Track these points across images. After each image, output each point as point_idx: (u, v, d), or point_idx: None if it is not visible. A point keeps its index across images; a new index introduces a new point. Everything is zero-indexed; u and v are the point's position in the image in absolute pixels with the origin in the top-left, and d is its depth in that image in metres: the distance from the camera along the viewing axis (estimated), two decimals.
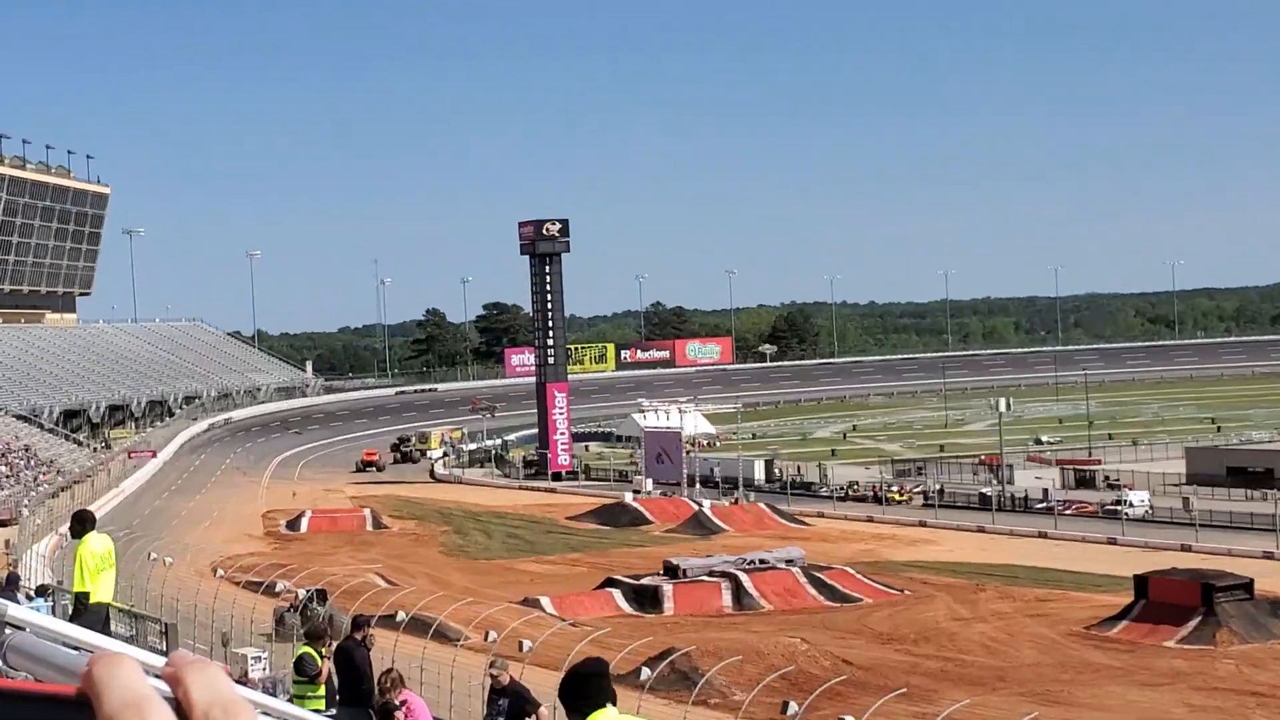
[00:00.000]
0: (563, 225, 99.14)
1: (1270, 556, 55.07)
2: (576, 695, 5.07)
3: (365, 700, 13.22)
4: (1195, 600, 42.90)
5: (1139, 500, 69.21)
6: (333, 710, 13.37)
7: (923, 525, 68.32)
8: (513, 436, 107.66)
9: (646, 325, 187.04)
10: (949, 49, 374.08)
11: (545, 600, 47.64)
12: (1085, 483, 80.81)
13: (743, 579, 50.31)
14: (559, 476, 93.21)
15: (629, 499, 76.40)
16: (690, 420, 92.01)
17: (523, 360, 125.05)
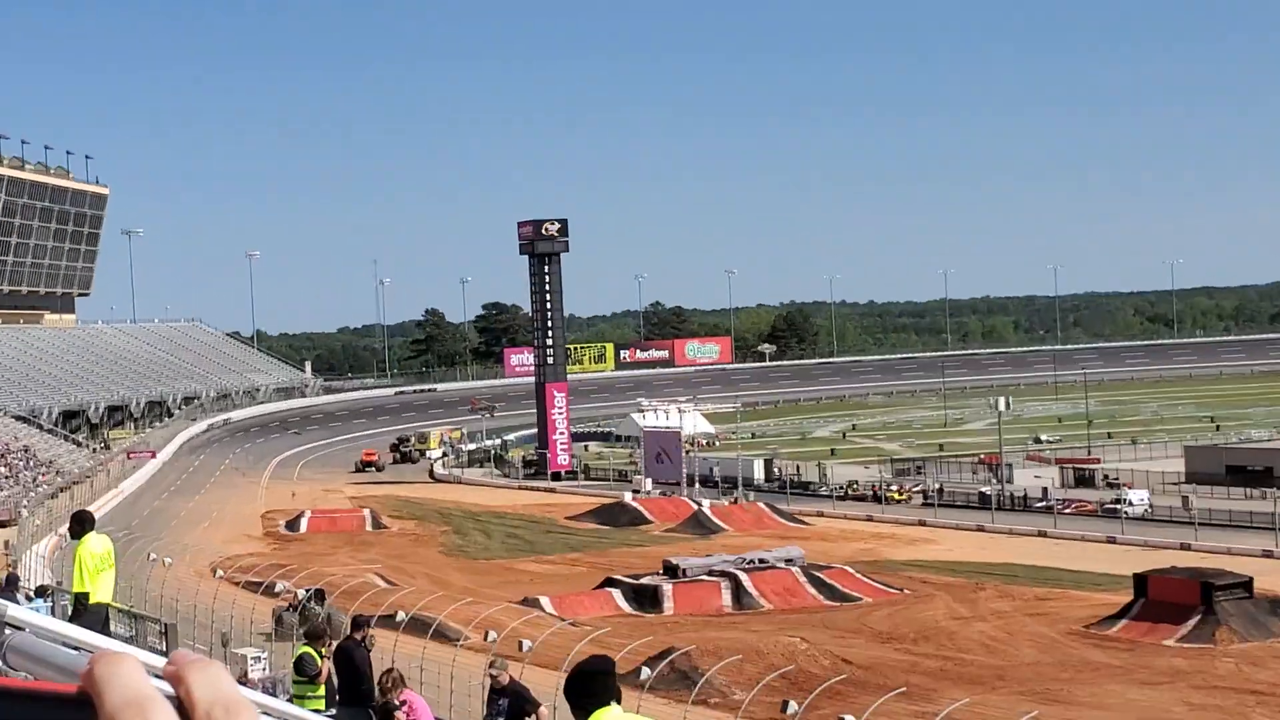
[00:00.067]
0: (562, 225, 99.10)
1: (1269, 555, 55.12)
2: (582, 693, 5.06)
3: (365, 700, 13.22)
4: (1195, 599, 42.89)
5: (1138, 499, 69.18)
6: (333, 710, 13.37)
7: (922, 524, 68.30)
8: (512, 436, 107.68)
9: (646, 325, 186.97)
10: (948, 48, 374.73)
11: (545, 600, 47.61)
12: (1084, 482, 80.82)
13: (742, 578, 50.29)
14: (558, 476, 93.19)
15: (628, 499, 76.36)
16: (689, 420, 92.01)
17: (522, 360, 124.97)
